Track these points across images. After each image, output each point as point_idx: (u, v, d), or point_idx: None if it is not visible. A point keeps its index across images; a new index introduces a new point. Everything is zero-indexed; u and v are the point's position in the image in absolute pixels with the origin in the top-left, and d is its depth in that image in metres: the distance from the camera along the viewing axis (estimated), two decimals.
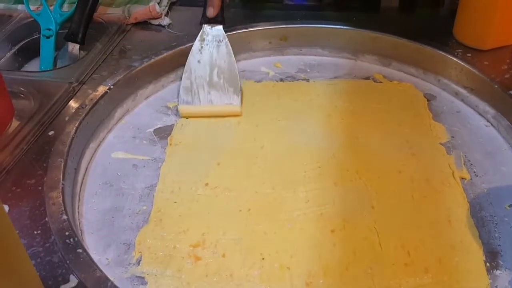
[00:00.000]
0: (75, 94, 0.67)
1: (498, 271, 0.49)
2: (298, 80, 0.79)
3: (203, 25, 0.73)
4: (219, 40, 0.72)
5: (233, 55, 0.71)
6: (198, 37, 0.72)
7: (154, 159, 0.64)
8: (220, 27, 0.73)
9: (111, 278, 0.48)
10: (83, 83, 0.69)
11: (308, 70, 0.81)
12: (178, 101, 0.71)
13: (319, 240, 0.53)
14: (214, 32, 0.72)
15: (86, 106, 0.64)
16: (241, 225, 0.55)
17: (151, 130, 0.69)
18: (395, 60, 0.79)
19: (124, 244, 0.54)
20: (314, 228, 0.55)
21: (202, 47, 0.72)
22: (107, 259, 0.52)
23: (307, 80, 0.78)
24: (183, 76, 0.71)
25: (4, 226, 0.34)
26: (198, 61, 0.71)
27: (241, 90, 0.72)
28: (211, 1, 0.72)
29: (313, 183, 0.60)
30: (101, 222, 0.56)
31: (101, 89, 0.67)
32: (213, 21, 0.72)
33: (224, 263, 0.51)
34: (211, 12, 0.72)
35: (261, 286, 0.49)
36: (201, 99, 0.70)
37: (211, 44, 0.72)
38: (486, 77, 0.68)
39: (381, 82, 0.78)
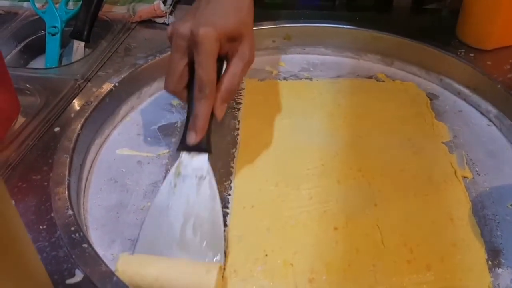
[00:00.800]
0: (80, 91, 0.68)
1: (500, 269, 0.50)
2: (301, 79, 0.79)
3: (180, 152, 0.54)
4: (201, 176, 0.52)
5: (218, 200, 0.52)
6: (173, 170, 0.53)
7: (159, 156, 0.65)
8: (205, 157, 0.53)
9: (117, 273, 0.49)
10: (89, 80, 0.70)
11: (311, 69, 0.81)
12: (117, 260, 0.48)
13: (322, 237, 0.54)
14: (195, 164, 0.53)
15: (91, 103, 0.65)
16: (244, 221, 0.56)
17: (155, 127, 0.70)
18: (397, 60, 0.79)
19: (128, 240, 0.54)
20: (317, 225, 0.55)
21: (175, 184, 0.52)
22: (112, 254, 0.52)
23: (310, 79, 0.79)
24: (142, 226, 0.52)
25: (14, 221, 0.34)
26: (167, 206, 0.51)
27: (225, 253, 0.51)
28: (193, 122, 0.52)
29: (316, 181, 0.60)
30: (106, 218, 0.57)
31: (106, 86, 0.68)
32: (195, 149, 0.53)
33: (228, 260, 0.51)
34: (192, 138, 0.52)
35: (264, 282, 0.49)
36: (161, 265, 0.47)
37: (190, 181, 0.52)
38: (488, 77, 0.68)
39: (383, 81, 0.78)
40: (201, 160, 0.53)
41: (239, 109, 0.72)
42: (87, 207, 0.58)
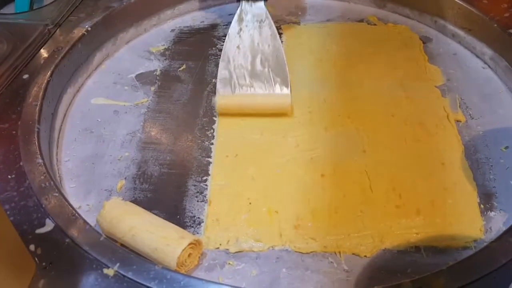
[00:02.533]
0: (50, 36, 0.63)
1: (492, 212, 0.48)
2: (288, 23, 0.75)
3: (241, 1, 0.61)
4: (261, 20, 0.60)
5: (278, 38, 0.60)
6: (235, 18, 0.60)
7: (136, 105, 0.61)
8: (262, 3, 0.61)
9: (92, 224, 0.46)
10: (59, 26, 0.65)
11: (299, 13, 0.77)
12: (215, 95, 0.59)
13: (308, 184, 0.51)
14: (254, 10, 0.60)
15: (62, 49, 0.61)
16: (227, 170, 0.53)
17: (133, 75, 0.66)
18: (390, 1, 0.75)
19: (105, 190, 0.52)
20: (303, 172, 0.53)
21: (241, 29, 0.60)
22: (88, 205, 0.50)
23: (298, 23, 0.75)
24: (219, 66, 0.59)
25: None
26: (237, 47, 0.59)
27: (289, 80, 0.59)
28: None
29: (303, 128, 0.58)
30: (81, 168, 0.54)
31: (78, 31, 0.64)
32: None
33: (210, 209, 0.49)
34: None
35: (249, 230, 0.47)
36: (243, 92, 0.58)
37: (252, 25, 0.60)
38: (484, 16, 0.65)
39: (375, 24, 0.74)
40: (259, 7, 0.61)
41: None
42: (61, 158, 0.55)
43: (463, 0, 0.68)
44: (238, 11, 0.61)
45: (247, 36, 0.60)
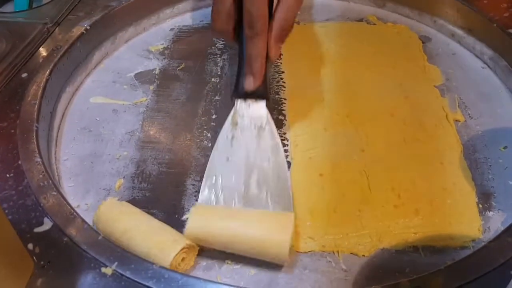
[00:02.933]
0: (49, 35, 0.63)
1: (491, 212, 0.48)
2: None
3: (236, 100, 0.49)
4: (261, 125, 0.48)
5: (282, 151, 0.47)
6: (229, 120, 0.48)
7: (135, 104, 0.61)
8: (263, 104, 0.48)
9: (90, 223, 0.46)
10: (58, 24, 0.65)
11: (299, 12, 0.75)
12: (187, 222, 0.44)
13: (307, 183, 0.51)
14: (253, 113, 0.48)
15: (61, 48, 0.61)
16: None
17: (132, 74, 0.66)
18: (389, 1, 0.75)
19: (104, 189, 0.51)
20: (302, 172, 0.53)
21: (233, 136, 0.48)
22: (86, 204, 0.50)
23: (297, 23, 0.74)
24: (203, 182, 0.47)
25: None
26: (227, 159, 0.47)
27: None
28: (248, 65, 0.47)
29: (302, 128, 0.58)
30: (80, 167, 0.54)
31: (77, 30, 0.63)
32: (251, 96, 0.48)
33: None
34: (250, 83, 0.47)
35: None
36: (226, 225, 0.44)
37: (248, 131, 0.48)
38: (484, 16, 0.65)
39: (374, 24, 0.74)
40: (259, 108, 0.48)
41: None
42: (59, 157, 0.55)
43: (462, 0, 0.68)
44: (231, 113, 0.49)
45: (242, 146, 0.47)
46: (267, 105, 0.49)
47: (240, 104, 0.49)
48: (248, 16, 0.45)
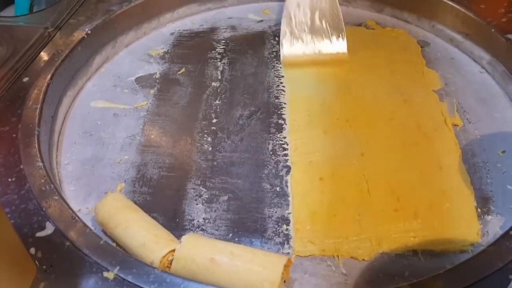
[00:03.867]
0: (50, 39, 0.64)
1: (489, 216, 0.48)
2: None
3: None
4: None
5: None
6: None
7: (136, 108, 0.62)
8: None
9: (92, 227, 0.46)
10: (59, 29, 0.66)
11: None
12: (280, 49, 0.66)
13: (307, 187, 0.52)
14: None
15: (62, 52, 0.61)
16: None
17: (133, 78, 0.66)
18: (388, 6, 0.75)
19: (105, 193, 0.52)
20: (302, 176, 0.53)
21: None
22: (87, 208, 0.50)
23: None
24: (282, 22, 0.66)
25: None
26: (298, 4, 0.66)
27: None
28: None
29: (302, 132, 0.58)
30: (81, 171, 0.54)
31: (78, 34, 0.64)
32: None
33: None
34: None
35: None
36: (305, 46, 0.66)
37: None
38: (482, 21, 0.65)
39: (373, 28, 0.74)
40: None
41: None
42: (60, 161, 0.55)
43: (460, 4, 0.68)
44: None
45: None
46: None
47: None
48: None
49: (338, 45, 0.66)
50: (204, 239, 0.43)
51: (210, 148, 0.56)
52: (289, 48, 0.66)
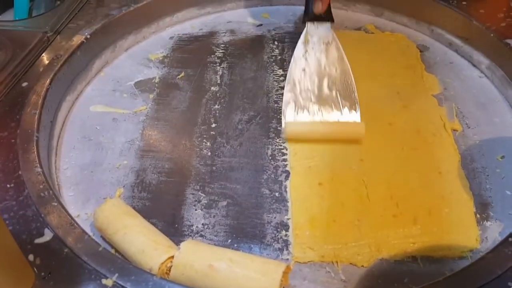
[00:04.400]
0: (49, 44, 0.64)
1: (488, 222, 0.48)
2: (287, 31, 0.75)
3: (306, 23, 0.62)
4: (328, 42, 0.60)
5: (346, 60, 0.60)
6: (301, 39, 0.61)
7: (135, 112, 0.62)
8: (329, 25, 0.61)
9: (91, 233, 0.46)
10: (59, 33, 0.66)
11: (297, 21, 0.77)
12: (282, 120, 0.58)
13: (306, 192, 0.52)
14: (321, 32, 0.61)
15: (61, 57, 0.61)
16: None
17: (132, 83, 0.66)
18: (387, 10, 0.75)
19: (104, 198, 0.52)
20: (301, 181, 0.53)
21: (306, 51, 0.60)
22: (86, 213, 0.50)
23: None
24: (285, 89, 0.59)
25: None
26: (303, 70, 0.59)
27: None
28: None
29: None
30: (80, 176, 0.54)
31: (77, 39, 0.64)
32: (318, 18, 0.61)
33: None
34: (318, 7, 0.60)
35: None
36: (310, 117, 0.57)
37: (318, 47, 0.60)
38: (481, 26, 0.65)
39: (372, 32, 0.74)
40: (326, 28, 0.61)
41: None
42: (59, 166, 0.55)
43: (460, 9, 0.68)
44: (303, 33, 0.61)
45: (313, 58, 0.60)
46: (331, 26, 0.61)
47: (310, 26, 0.61)
48: None
49: (350, 118, 0.57)
50: (203, 246, 0.43)
51: (209, 153, 0.56)
52: (290, 115, 0.57)
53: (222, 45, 0.72)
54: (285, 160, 0.55)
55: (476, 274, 0.39)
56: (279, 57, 0.70)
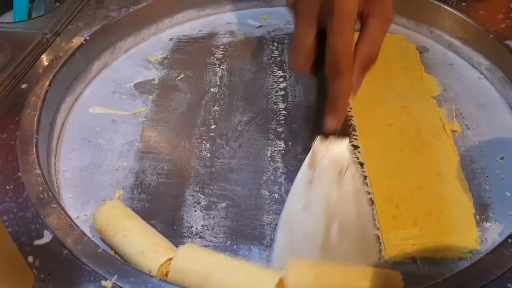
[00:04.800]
0: (49, 45, 0.64)
1: (488, 223, 0.48)
2: (286, 33, 0.75)
3: (315, 139, 0.44)
4: (341, 169, 0.43)
5: (366, 198, 0.45)
6: (307, 161, 0.44)
7: (135, 114, 0.62)
8: (344, 143, 0.44)
9: (90, 235, 0.46)
10: (58, 34, 0.66)
11: None
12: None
13: None
14: (333, 154, 0.43)
15: (60, 58, 0.61)
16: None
17: (131, 84, 0.66)
18: None
19: (103, 200, 0.51)
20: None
21: (311, 180, 0.43)
22: (86, 215, 0.50)
23: None
24: (277, 230, 0.44)
25: None
26: (304, 207, 0.43)
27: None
28: (332, 105, 0.43)
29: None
30: (79, 178, 0.54)
31: (77, 40, 0.64)
32: (331, 135, 0.44)
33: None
34: (332, 123, 0.43)
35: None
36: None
37: (328, 175, 0.43)
38: (481, 27, 0.65)
39: None
40: (339, 149, 0.43)
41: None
42: (59, 168, 0.55)
43: (459, 10, 0.68)
44: (310, 153, 0.44)
45: (321, 191, 0.43)
46: (347, 145, 0.44)
47: (318, 144, 0.44)
48: (333, 54, 0.41)
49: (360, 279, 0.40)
50: (198, 252, 0.43)
51: (209, 155, 0.56)
52: (280, 264, 0.42)
53: (222, 47, 0.72)
54: (284, 161, 0.55)
55: (476, 275, 0.39)
56: (279, 59, 0.70)
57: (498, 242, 0.45)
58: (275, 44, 0.73)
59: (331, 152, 0.43)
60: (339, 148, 0.43)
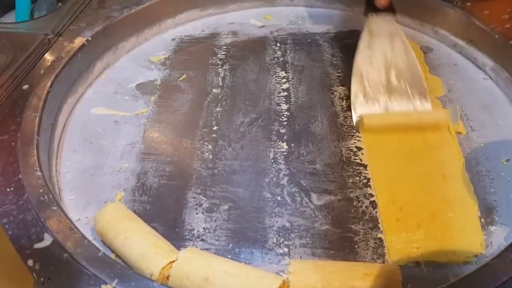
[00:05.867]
0: (51, 46, 0.63)
1: (493, 227, 0.47)
2: (289, 33, 0.75)
3: (368, 16, 0.60)
4: (392, 33, 0.59)
5: (411, 51, 0.59)
6: (365, 32, 0.60)
7: (136, 115, 0.61)
8: (392, 17, 0.60)
9: (91, 237, 0.46)
10: (60, 35, 0.65)
11: (300, 22, 0.77)
12: (352, 112, 0.58)
13: None
14: (384, 25, 0.59)
15: (62, 59, 0.61)
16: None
17: (133, 85, 0.66)
18: None
19: (105, 202, 0.51)
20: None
21: (371, 43, 0.59)
22: (87, 217, 0.50)
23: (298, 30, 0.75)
24: (352, 80, 0.58)
25: None
26: (370, 62, 0.58)
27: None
28: None
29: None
30: (81, 180, 0.54)
31: (79, 41, 0.64)
32: (381, 10, 0.60)
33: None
34: (381, 2, 0.59)
35: None
36: (383, 108, 0.57)
37: (382, 39, 0.59)
38: (485, 27, 0.65)
39: None
40: (389, 21, 0.59)
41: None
42: (60, 169, 0.55)
43: (464, 10, 0.68)
44: (366, 26, 0.60)
45: (379, 51, 0.59)
46: (395, 17, 0.60)
47: (372, 18, 0.59)
48: None
49: (422, 106, 0.57)
50: (199, 256, 0.43)
51: (211, 156, 0.56)
52: (361, 107, 0.57)
53: (224, 47, 0.72)
54: (287, 163, 0.55)
55: (481, 281, 0.39)
56: (282, 59, 0.69)
57: (504, 246, 0.44)
58: (278, 44, 0.72)
59: (382, 22, 0.59)
60: (388, 19, 0.59)
